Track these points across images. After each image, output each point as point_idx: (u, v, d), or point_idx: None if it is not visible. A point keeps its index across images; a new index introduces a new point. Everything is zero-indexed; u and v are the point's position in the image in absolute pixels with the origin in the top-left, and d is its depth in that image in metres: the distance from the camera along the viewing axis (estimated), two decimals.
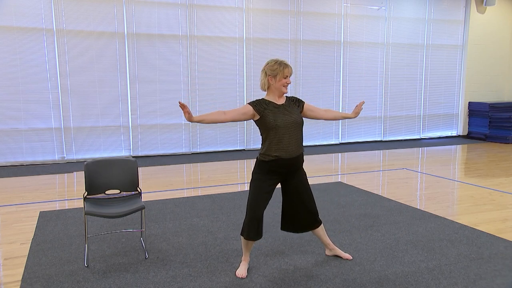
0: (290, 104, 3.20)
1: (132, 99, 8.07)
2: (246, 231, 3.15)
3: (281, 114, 3.10)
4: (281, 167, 3.13)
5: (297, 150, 3.15)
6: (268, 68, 3.13)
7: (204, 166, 7.46)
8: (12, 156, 7.43)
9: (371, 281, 3.13)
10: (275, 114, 3.08)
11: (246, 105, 3.12)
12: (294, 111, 3.17)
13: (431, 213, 4.70)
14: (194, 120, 2.98)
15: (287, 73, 3.11)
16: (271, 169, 3.12)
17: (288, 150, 3.09)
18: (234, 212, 4.76)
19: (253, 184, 3.17)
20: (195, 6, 8.30)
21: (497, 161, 7.86)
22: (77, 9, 7.53)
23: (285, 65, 3.11)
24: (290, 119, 3.10)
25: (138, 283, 3.12)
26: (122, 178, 3.72)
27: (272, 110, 3.10)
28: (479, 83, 10.99)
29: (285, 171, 3.16)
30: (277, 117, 3.07)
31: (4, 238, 4.06)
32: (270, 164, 3.11)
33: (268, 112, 3.08)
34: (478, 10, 10.65)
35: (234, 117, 3.09)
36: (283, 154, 3.08)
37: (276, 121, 3.06)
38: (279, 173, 3.16)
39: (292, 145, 3.10)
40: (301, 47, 9.20)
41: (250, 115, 3.11)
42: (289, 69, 3.13)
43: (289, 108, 3.16)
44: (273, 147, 3.08)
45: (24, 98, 7.39)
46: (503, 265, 3.40)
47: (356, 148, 9.33)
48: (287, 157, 3.10)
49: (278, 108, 3.12)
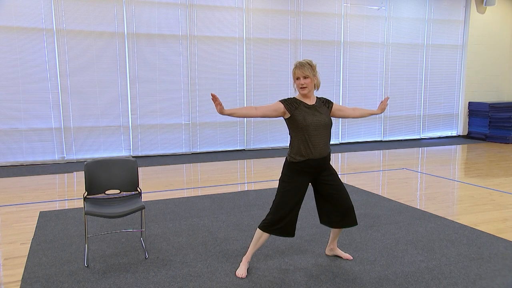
0: (320, 105, 3.19)
1: (132, 99, 8.07)
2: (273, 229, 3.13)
3: (311, 114, 3.09)
4: (311, 168, 3.12)
5: (326, 150, 3.15)
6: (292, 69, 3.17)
7: (204, 166, 7.46)
8: (12, 156, 7.43)
9: (371, 281, 3.13)
10: (305, 114, 3.08)
11: (277, 102, 3.12)
12: (323, 111, 3.17)
13: (431, 213, 4.70)
14: (225, 113, 2.99)
15: (297, 75, 3.10)
16: (301, 169, 3.12)
17: (317, 150, 3.08)
18: (234, 212, 4.76)
19: (282, 185, 3.16)
20: (195, 6, 8.30)
21: (497, 161, 7.86)
22: (77, 9, 7.53)
23: (296, 67, 3.10)
24: (319, 119, 3.10)
25: (138, 283, 3.12)
26: (122, 178, 3.72)
27: (302, 110, 3.09)
28: (479, 83, 10.99)
29: (314, 171, 3.16)
30: (307, 117, 3.07)
31: (4, 238, 4.06)
32: (300, 165, 3.10)
33: (298, 112, 3.08)
34: (478, 10, 10.65)
35: (265, 113, 3.09)
36: (313, 155, 3.08)
37: (306, 121, 3.06)
38: (309, 173, 3.16)
39: (321, 146, 3.10)
40: (301, 47, 9.20)
41: (280, 113, 3.10)
42: (297, 70, 3.09)
43: (319, 109, 3.15)
44: (303, 147, 3.08)
45: (24, 98, 7.39)
46: (503, 265, 3.40)
47: (356, 148, 9.33)
48: (317, 157, 3.09)
49: (308, 108, 3.12)
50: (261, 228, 3.19)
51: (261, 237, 3.21)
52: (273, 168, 7.20)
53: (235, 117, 3.09)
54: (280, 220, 3.13)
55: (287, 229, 3.17)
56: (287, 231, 3.17)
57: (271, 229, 3.16)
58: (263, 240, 3.22)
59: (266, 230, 3.17)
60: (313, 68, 3.12)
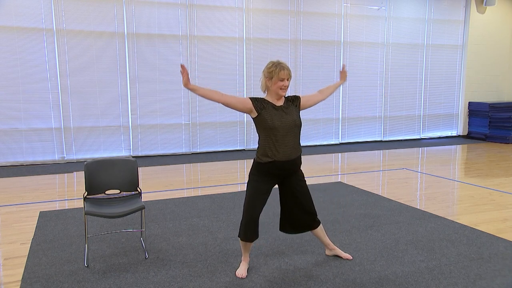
0: (288, 105, 3.16)
1: (132, 99, 8.07)
2: (243, 233, 3.15)
3: (279, 116, 3.06)
4: (278, 169, 3.11)
5: (295, 153, 3.12)
6: (266, 70, 3.10)
7: (204, 166, 7.46)
8: (12, 156, 7.43)
9: (371, 281, 3.13)
10: (273, 115, 3.06)
11: (247, 97, 3.11)
12: (292, 112, 3.13)
13: (431, 213, 4.70)
14: (189, 87, 2.99)
15: (282, 76, 3.03)
16: (268, 171, 3.10)
17: (285, 152, 3.06)
18: (234, 212, 4.76)
19: (249, 185, 3.16)
20: (195, 6, 8.30)
21: (497, 161, 7.86)
22: (77, 9, 7.53)
23: (282, 68, 3.05)
24: (287, 121, 3.07)
25: (138, 283, 3.12)
26: (122, 178, 3.72)
27: (270, 111, 3.07)
28: (479, 83, 10.99)
29: (282, 173, 3.15)
30: (275, 119, 3.04)
31: (4, 238, 4.06)
32: (267, 166, 3.09)
33: (266, 112, 3.06)
34: (478, 10, 10.65)
35: (229, 101, 3.06)
36: (280, 157, 3.05)
37: (274, 122, 3.03)
38: (276, 175, 3.14)
39: (289, 148, 3.07)
40: (301, 47, 9.20)
41: (247, 108, 3.08)
42: (285, 71, 3.04)
43: (287, 110, 3.12)
44: (270, 148, 3.06)
45: (24, 98, 7.39)
46: (503, 265, 3.40)
47: (356, 148, 9.33)
48: (284, 159, 3.07)
49: (276, 110, 3.09)
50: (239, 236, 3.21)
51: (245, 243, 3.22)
52: None
53: (196, 94, 3.05)
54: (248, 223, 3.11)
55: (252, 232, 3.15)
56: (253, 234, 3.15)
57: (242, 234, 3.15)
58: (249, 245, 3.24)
59: (239, 235, 3.19)
60: None
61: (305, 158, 7.80)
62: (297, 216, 3.31)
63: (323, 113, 9.60)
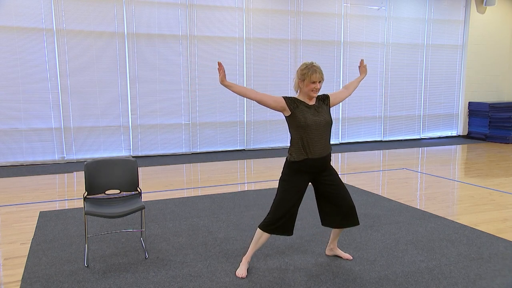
0: (320, 104, 3.20)
1: (132, 99, 8.07)
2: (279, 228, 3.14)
3: (312, 114, 3.10)
4: (311, 167, 3.13)
5: (326, 150, 3.16)
6: (299, 71, 3.14)
7: (204, 166, 7.46)
8: (12, 156, 7.43)
9: (371, 281, 3.13)
10: (305, 114, 3.09)
11: (280, 96, 3.14)
12: (324, 111, 3.18)
13: (431, 213, 4.70)
14: (225, 84, 3.08)
15: (314, 79, 3.07)
16: (301, 169, 3.12)
17: (317, 150, 3.09)
18: (234, 212, 4.76)
19: (282, 184, 3.17)
20: (195, 6, 8.30)
21: (497, 161, 7.86)
22: (77, 9, 7.53)
23: (314, 71, 3.08)
24: (320, 119, 3.11)
25: (138, 283, 3.12)
26: (122, 178, 3.72)
27: (303, 110, 3.10)
28: (479, 83, 10.99)
29: (314, 170, 3.16)
30: (308, 117, 3.08)
31: (4, 238, 4.06)
32: (300, 164, 3.11)
33: (299, 111, 3.09)
34: (478, 10, 10.65)
35: (263, 99, 3.11)
36: (313, 155, 3.09)
37: (307, 121, 3.07)
38: (309, 173, 3.16)
39: (321, 146, 3.11)
40: (301, 47, 9.20)
41: (280, 107, 3.11)
42: (317, 75, 3.07)
43: (319, 109, 3.16)
44: (303, 147, 3.09)
45: (24, 98, 7.39)
46: (503, 265, 3.40)
47: (356, 148, 9.33)
48: (316, 157, 3.10)
49: (309, 108, 3.12)
50: (261, 227, 3.20)
51: (261, 237, 3.21)
52: (273, 168, 7.20)
53: (232, 90, 3.12)
54: (279, 219, 3.13)
55: (286, 228, 3.17)
56: (286, 230, 3.18)
57: (270, 228, 3.16)
58: (263, 240, 3.23)
59: (265, 229, 3.18)
60: None
61: None
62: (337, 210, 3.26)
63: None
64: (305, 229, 4.19)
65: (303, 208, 4.69)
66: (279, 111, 3.15)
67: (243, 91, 3.13)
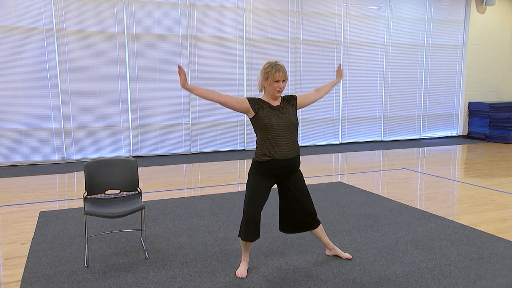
0: (285, 105, 3.18)
1: (132, 99, 8.07)
2: (244, 233, 3.15)
3: (276, 115, 3.09)
4: (277, 169, 3.12)
5: (292, 152, 3.13)
6: (263, 70, 3.13)
7: (204, 166, 7.46)
8: (12, 156, 7.43)
9: (371, 281, 3.13)
10: (269, 115, 3.08)
11: (244, 97, 3.14)
12: (289, 111, 3.16)
13: (431, 213, 4.70)
14: (186, 87, 3.01)
15: (277, 78, 3.05)
16: (267, 169, 3.11)
17: (283, 151, 3.08)
18: (234, 212, 4.76)
19: (249, 185, 3.17)
20: (195, 6, 8.30)
21: (497, 161, 7.86)
22: (77, 9, 7.53)
23: (277, 69, 3.06)
24: (284, 120, 3.09)
25: (138, 283, 3.12)
26: (122, 178, 3.72)
27: (267, 111, 3.09)
28: (479, 83, 10.99)
29: (281, 172, 3.16)
30: (272, 118, 3.06)
31: (4, 238, 4.06)
32: (266, 165, 3.10)
33: (262, 112, 3.08)
34: (478, 10, 10.65)
35: (226, 101, 3.08)
36: (279, 155, 3.07)
37: (271, 122, 3.05)
38: (275, 174, 3.15)
39: (287, 147, 3.09)
40: (301, 47, 9.20)
41: (244, 108, 3.09)
42: (280, 73, 3.05)
43: (283, 110, 3.14)
44: (268, 148, 3.07)
45: (24, 98, 7.39)
46: (503, 265, 3.40)
47: (356, 148, 9.33)
48: (282, 158, 3.08)
49: (273, 109, 3.11)
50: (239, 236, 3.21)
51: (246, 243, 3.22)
52: None
53: (194, 94, 3.09)
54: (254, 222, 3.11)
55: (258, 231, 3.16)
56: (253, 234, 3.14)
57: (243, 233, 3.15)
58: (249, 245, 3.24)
59: (240, 236, 3.18)
60: None
61: (305, 158, 7.80)
62: (296, 216, 3.31)
63: (323, 113, 9.60)
64: None
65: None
66: (243, 112, 3.13)
67: (205, 94, 3.07)
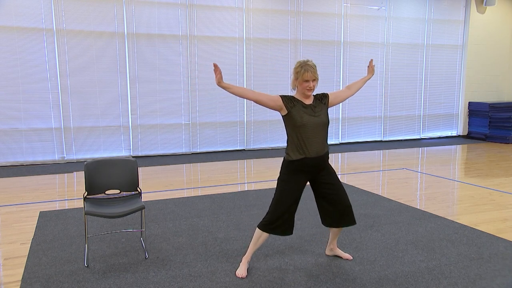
0: (317, 103, 3.19)
1: (132, 99, 8.07)
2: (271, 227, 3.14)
3: (308, 114, 3.10)
4: (308, 166, 3.13)
5: (323, 149, 3.15)
6: (294, 70, 3.14)
7: (204, 166, 7.46)
8: (12, 156, 7.43)
9: (371, 281, 3.13)
10: (302, 113, 3.09)
11: (277, 95, 3.14)
12: (321, 110, 3.17)
13: (431, 213, 4.70)
14: (222, 85, 3.07)
15: (306, 78, 3.05)
16: (298, 168, 3.13)
17: (313, 149, 3.09)
18: (234, 212, 4.76)
19: (280, 184, 3.17)
20: (195, 6, 8.30)
21: (497, 161, 7.86)
22: (77, 9, 7.53)
23: (306, 69, 3.05)
24: (316, 119, 3.11)
25: (138, 283, 3.12)
26: (122, 178, 3.72)
27: (299, 109, 3.10)
28: (479, 83, 10.99)
29: (312, 169, 3.17)
30: (304, 117, 3.08)
31: (4, 238, 4.06)
32: (297, 164, 3.11)
33: (295, 110, 3.09)
34: (478, 10, 10.65)
35: (261, 98, 3.11)
36: (309, 154, 3.08)
37: (303, 120, 3.07)
38: (306, 172, 3.16)
39: (318, 145, 3.11)
40: (301, 47, 9.20)
41: (277, 106, 3.11)
42: (309, 73, 3.05)
43: (316, 108, 3.15)
44: (300, 146, 3.09)
45: (24, 98, 7.39)
46: (503, 265, 3.40)
47: (356, 148, 9.33)
48: (312, 156, 3.10)
49: (306, 108, 3.12)
50: (260, 227, 3.20)
51: (260, 236, 3.21)
52: (273, 168, 7.19)
53: (229, 92, 3.11)
54: (278, 219, 3.13)
55: (284, 228, 3.18)
56: (285, 230, 3.18)
57: (269, 228, 3.17)
58: (263, 240, 3.23)
59: (264, 229, 3.18)
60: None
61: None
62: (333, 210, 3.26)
63: None
64: (305, 229, 4.19)
65: (303, 208, 4.70)
66: (276, 110, 3.15)
67: (240, 92, 3.13)
